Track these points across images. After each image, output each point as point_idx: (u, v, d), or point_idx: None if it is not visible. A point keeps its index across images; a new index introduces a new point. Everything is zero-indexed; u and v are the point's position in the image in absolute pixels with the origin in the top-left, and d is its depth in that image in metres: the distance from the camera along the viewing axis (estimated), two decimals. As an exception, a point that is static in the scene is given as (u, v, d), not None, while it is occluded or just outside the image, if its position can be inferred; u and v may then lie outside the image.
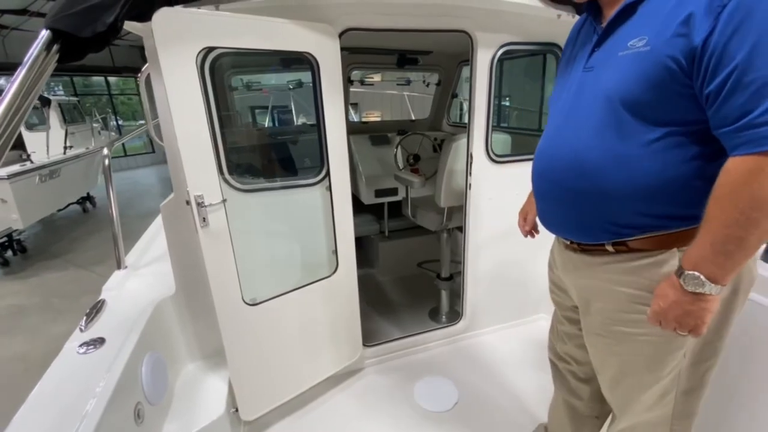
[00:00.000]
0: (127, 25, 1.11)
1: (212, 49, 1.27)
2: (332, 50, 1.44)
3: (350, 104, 5.68)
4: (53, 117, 5.59)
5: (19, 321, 3.25)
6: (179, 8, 1.12)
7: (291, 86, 4.11)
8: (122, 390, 1.09)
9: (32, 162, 4.63)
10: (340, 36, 1.47)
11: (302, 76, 3.68)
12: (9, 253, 4.55)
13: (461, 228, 2.07)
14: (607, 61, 0.83)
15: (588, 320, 1.03)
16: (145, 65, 1.46)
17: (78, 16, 0.89)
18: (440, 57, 2.95)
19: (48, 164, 4.78)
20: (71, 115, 6.45)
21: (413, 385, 1.86)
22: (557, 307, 1.25)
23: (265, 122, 4.52)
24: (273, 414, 1.64)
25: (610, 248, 0.89)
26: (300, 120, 4.94)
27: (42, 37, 0.85)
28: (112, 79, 11.04)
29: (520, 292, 2.25)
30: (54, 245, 4.98)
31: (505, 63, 1.79)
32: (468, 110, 1.82)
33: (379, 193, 2.75)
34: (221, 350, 1.45)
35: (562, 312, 1.22)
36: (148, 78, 1.42)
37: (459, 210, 2.11)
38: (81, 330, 1.32)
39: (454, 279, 2.38)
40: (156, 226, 2.32)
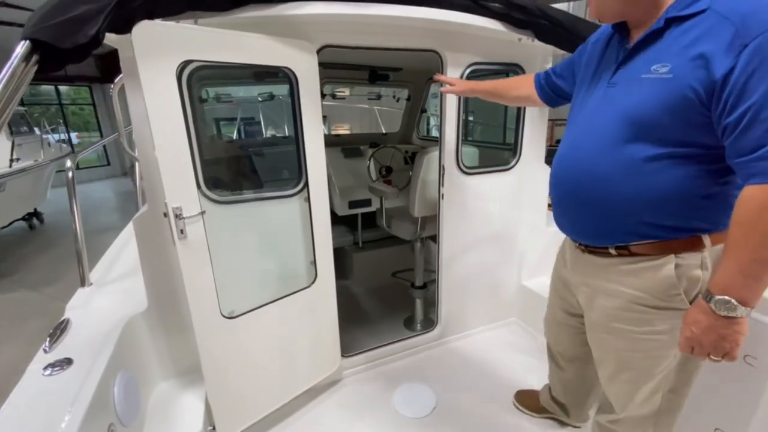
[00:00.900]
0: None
1: (190, 62, 1.28)
2: (311, 65, 1.49)
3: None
4: (-3, 127, 5.19)
5: (-42, 348, 2.96)
6: (159, 21, 1.13)
7: (261, 99, 4.10)
8: (94, 411, 1.05)
9: (-27, 175, 4.28)
10: (318, 52, 1.52)
11: (274, 89, 3.69)
12: (-55, 275, 4.15)
13: (434, 237, 2.14)
14: (630, 81, 0.89)
15: (591, 316, 1.11)
16: (119, 76, 1.44)
17: (58, 27, 0.88)
18: (410, 74, 3.07)
19: (-9, 178, 4.43)
20: (18, 126, 6.03)
21: (392, 393, 1.88)
22: (556, 297, 1.34)
23: (240, 134, 4.45)
24: (252, 430, 1.60)
25: (613, 251, 0.98)
26: (269, 132, 4.90)
27: (21, 48, 0.84)
28: (63, 88, 10.44)
29: (492, 298, 2.35)
30: (-2, 265, 4.60)
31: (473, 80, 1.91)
32: (439, 125, 1.91)
33: (353, 205, 2.79)
34: (195, 367, 1.41)
35: (562, 302, 1.31)
36: (122, 89, 1.40)
37: (432, 219, 2.19)
38: (45, 351, 1.25)
39: (428, 287, 2.44)
40: (121, 241, 2.23)
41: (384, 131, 3.86)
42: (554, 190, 1.09)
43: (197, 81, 1.60)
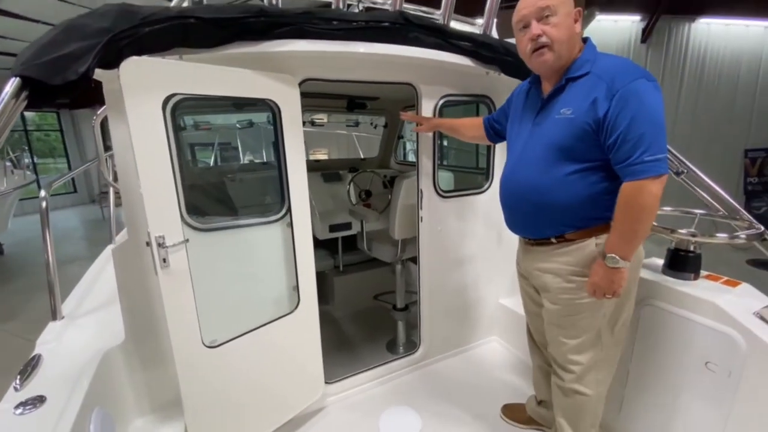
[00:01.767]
0: (89, 71, 1.13)
1: (175, 95, 1.32)
2: (293, 97, 1.56)
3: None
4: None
5: None
6: (146, 58, 1.17)
7: (240, 126, 4.12)
8: None
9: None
10: (300, 84, 1.59)
11: (255, 116, 3.74)
12: None
13: (415, 259, 2.20)
14: (548, 120, 1.27)
15: (544, 294, 1.41)
16: (102, 108, 1.45)
17: (49, 65, 0.91)
18: (387, 102, 3.20)
19: (-51, 208, 4.20)
20: (-22, 154, 5.78)
21: (377, 419, 1.87)
22: (524, 293, 1.62)
23: (219, 161, 4.41)
24: (233, 464, 1.55)
25: (554, 240, 1.33)
26: (247, 158, 4.90)
27: (11, 85, 0.86)
28: (28, 114, 10.12)
29: (472, 317, 2.40)
30: (-49, 300, 4.29)
31: (446, 110, 2.03)
32: (416, 151, 2.01)
33: (333, 228, 2.81)
34: (173, 401, 1.37)
35: (528, 296, 1.58)
36: (104, 120, 1.41)
37: (412, 241, 2.24)
38: (15, 389, 1.20)
39: (410, 309, 2.47)
40: (94, 272, 2.16)
41: (362, 156, 3.96)
42: (505, 201, 1.44)
43: (182, 111, 1.64)
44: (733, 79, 6.97)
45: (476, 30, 1.89)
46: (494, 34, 1.90)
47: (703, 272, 1.57)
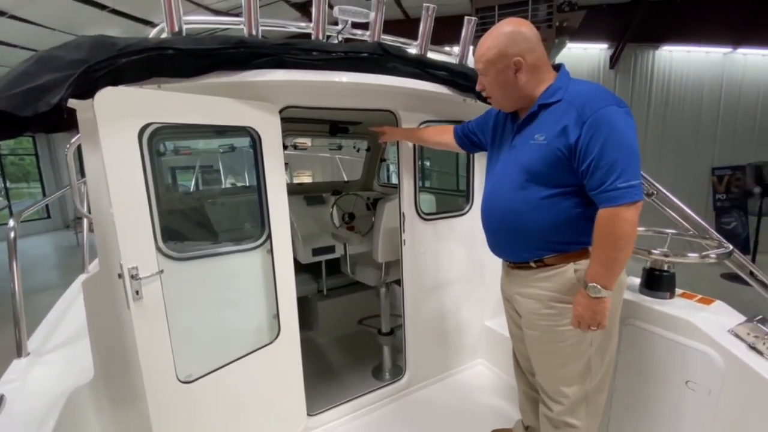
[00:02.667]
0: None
1: (152, 124, 1.31)
2: (273, 125, 1.56)
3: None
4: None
5: None
6: (122, 87, 1.16)
7: (221, 150, 4.10)
8: None
9: None
10: (281, 112, 1.61)
11: (235, 141, 3.73)
12: None
13: (399, 282, 2.18)
14: (522, 146, 1.28)
15: (524, 320, 1.39)
16: (75, 137, 1.43)
17: (19, 96, 0.90)
18: (369, 127, 3.24)
19: None
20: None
21: (362, 451, 1.81)
22: (508, 316, 1.60)
23: (198, 186, 4.34)
24: None
25: (533, 264, 1.31)
26: (229, 182, 4.86)
27: (-21, 117, 0.84)
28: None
29: (458, 340, 2.38)
30: None
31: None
32: (398, 174, 2.03)
33: (317, 252, 2.78)
34: None
35: (512, 319, 1.55)
36: (78, 148, 1.39)
37: (396, 264, 2.24)
38: None
39: (395, 333, 2.43)
40: (63, 305, 2.06)
41: (346, 179, 3.98)
42: (485, 224, 1.44)
43: (162, 136, 1.62)
44: (697, 102, 7.38)
45: (452, 59, 1.96)
46: (471, 62, 1.97)
47: (679, 290, 1.61)
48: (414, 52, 1.76)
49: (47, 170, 10.31)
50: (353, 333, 2.92)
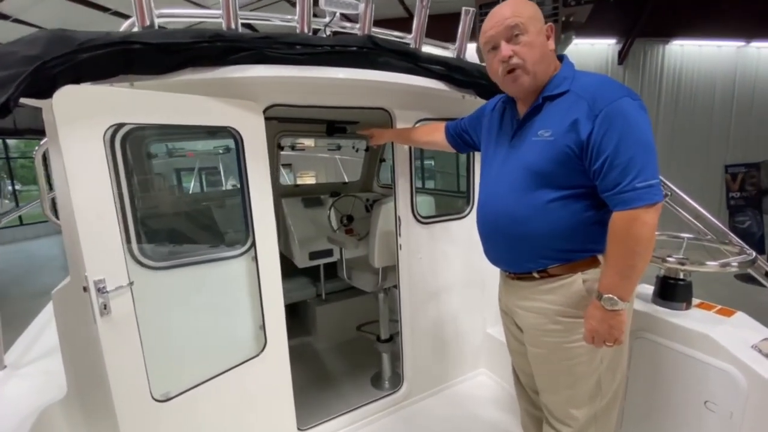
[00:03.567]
0: (24, 99, 1.04)
1: (122, 125, 1.22)
2: (256, 125, 1.47)
3: (284, 165, 5.69)
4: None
5: None
6: (86, 86, 1.08)
7: (221, 151, 4.02)
8: None
9: None
10: (265, 111, 1.51)
11: (227, 142, 3.65)
12: None
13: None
14: (524, 143, 1.15)
15: (527, 336, 1.27)
16: (44, 140, 1.35)
17: (-40, 96, 0.81)
18: (367, 126, 3.13)
19: None
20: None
21: (356, 469, 1.71)
22: (506, 330, 1.46)
23: (188, 188, 4.24)
24: None
25: (536, 275, 1.19)
26: (230, 183, 4.78)
27: None
28: (11, 141, 9.95)
29: (458, 349, 2.27)
30: None
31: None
32: (392, 175, 1.93)
33: (314, 256, 2.71)
34: None
35: (511, 333, 1.43)
36: (46, 152, 1.31)
37: (393, 269, 2.14)
38: None
39: (395, 340, 2.33)
40: (46, 315, 1.99)
41: (346, 180, 3.88)
42: (482, 230, 1.32)
43: (139, 140, 1.53)
44: (709, 98, 7.15)
45: (450, 53, 1.85)
46: (475, 58, 1.85)
47: (695, 300, 1.48)
48: (407, 47, 1.65)
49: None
50: (353, 338, 2.82)
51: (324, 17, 1.55)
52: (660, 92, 7.18)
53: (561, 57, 1.18)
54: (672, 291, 1.44)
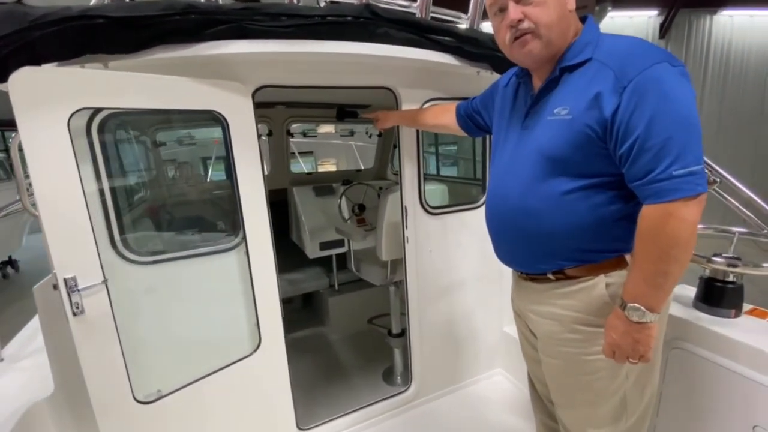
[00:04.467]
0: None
1: (101, 110, 1.13)
2: (244, 108, 1.35)
3: (305, 153, 5.62)
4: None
5: None
6: (48, 67, 0.98)
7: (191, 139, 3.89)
8: None
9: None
10: (255, 93, 1.39)
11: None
12: None
13: None
14: (539, 123, 0.99)
15: (541, 345, 1.13)
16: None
17: None
18: (379, 110, 2.99)
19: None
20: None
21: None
22: (520, 334, 1.32)
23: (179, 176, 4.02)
24: None
25: (552, 276, 1.04)
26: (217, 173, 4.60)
27: None
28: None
29: (471, 348, 2.13)
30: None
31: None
32: (399, 162, 1.78)
33: (324, 246, 2.64)
34: None
35: (525, 338, 1.28)
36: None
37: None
38: None
39: (407, 334, 2.24)
40: None
41: (362, 167, 3.76)
42: (490, 225, 1.17)
43: (120, 126, 1.45)
44: (762, 74, 6.47)
45: (463, 24, 1.66)
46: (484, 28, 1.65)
47: (747, 305, 1.27)
48: (412, 16, 1.47)
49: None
50: (366, 330, 2.75)
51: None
52: (706, 68, 6.56)
53: (583, 19, 0.98)
54: (718, 295, 1.23)
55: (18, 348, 1.60)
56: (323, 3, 1.42)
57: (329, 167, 7.19)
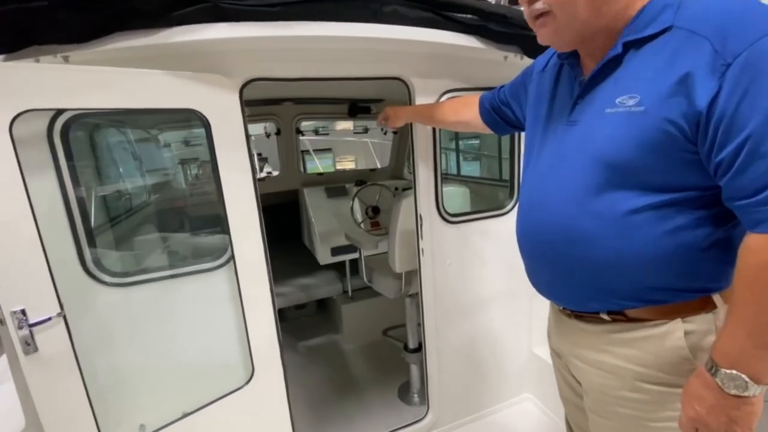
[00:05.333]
0: None
1: (63, 111, 0.97)
2: (230, 106, 1.16)
3: (324, 150, 5.47)
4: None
5: None
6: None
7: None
8: None
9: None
10: (243, 88, 1.20)
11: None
12: None
13: None
14: (594, 117, 0.76)
15: (590, 401, 0.91)
16: None
17: None
18: (392, 105, 2.78)
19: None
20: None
21: None
22: (558, 374, 1.10)
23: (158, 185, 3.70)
24: None
25: (606, 317, 0.81)
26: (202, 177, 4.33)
27: None
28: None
29: (497, 371, 1.90)
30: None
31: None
32: (412, 163, 1.56)
33: (336, 251, 2.47)
34: None
35: (564, 380, 1.05)
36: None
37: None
38: None
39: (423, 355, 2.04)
40: None
41: (379, 166, 3.56)
42: (522, 246, 0.93)
43: (94, 129, 1.29)
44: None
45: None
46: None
47: None
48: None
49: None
50: (380, 340, 2.57)
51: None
52: None
53: None
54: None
55: (2, 370, 1.49)
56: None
57: (348, 164, 7.05)
